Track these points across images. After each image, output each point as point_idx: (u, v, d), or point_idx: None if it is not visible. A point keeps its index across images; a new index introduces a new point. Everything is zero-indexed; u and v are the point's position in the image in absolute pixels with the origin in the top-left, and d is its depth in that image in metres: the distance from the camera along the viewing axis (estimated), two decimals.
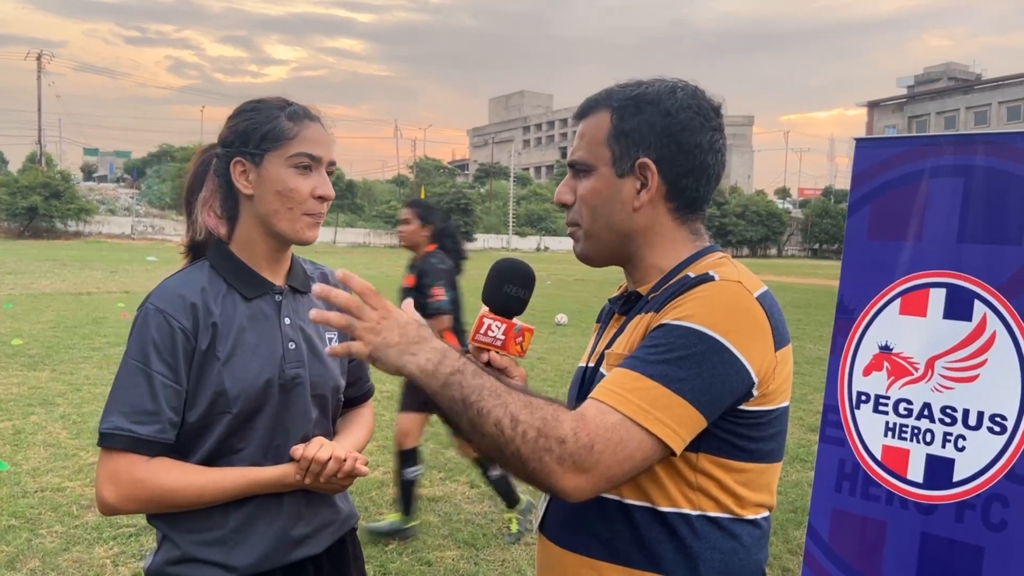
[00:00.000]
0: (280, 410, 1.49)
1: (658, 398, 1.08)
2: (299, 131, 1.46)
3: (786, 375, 1.21)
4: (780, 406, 1.21)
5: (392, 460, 5.52)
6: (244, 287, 1.50)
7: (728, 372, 1.11)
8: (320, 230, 1.54)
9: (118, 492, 1.39)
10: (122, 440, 1.38)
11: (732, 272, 1.20)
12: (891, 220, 2.29)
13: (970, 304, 2.12)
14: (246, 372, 1.45)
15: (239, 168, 1.47)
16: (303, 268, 1.64)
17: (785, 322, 1.22)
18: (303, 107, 1.51)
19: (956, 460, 2.13)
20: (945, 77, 56.42)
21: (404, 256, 4.59)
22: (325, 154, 1.49)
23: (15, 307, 13.17)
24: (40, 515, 4.32)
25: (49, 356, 8.84)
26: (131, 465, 1.39)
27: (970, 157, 2.15)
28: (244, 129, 1.47)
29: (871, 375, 2.30)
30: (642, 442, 1.08)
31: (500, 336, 1.28)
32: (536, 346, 10.92)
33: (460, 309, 4.43)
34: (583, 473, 1.06)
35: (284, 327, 1.53)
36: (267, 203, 1.47)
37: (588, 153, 1.28)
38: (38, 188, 45.85)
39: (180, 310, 1.43)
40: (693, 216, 1.30)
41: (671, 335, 1.12)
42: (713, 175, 1.28)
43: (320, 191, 1.48)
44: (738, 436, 1.17)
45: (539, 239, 68.32)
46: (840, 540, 2.33)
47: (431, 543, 4.16)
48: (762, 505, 1.23)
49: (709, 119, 1.26)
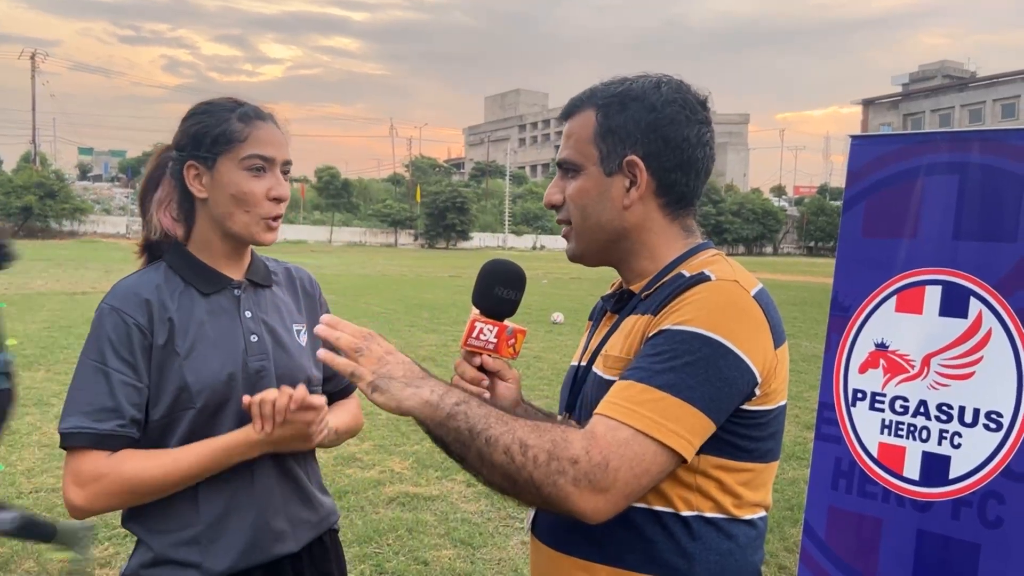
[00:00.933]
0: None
1: (669, 408, 1.07)
2: (250, 132, 1.46)
3: (785, 373, 1.20)
4: (779, 404, 1.21)
5: (388, 460, 5.51)
6: (201, 283, 1.50)
7: (734, 375, 1.10)
8: (311, 229, 1.54)
9: (84, 492, 1.37)
10: (83, 438, 1.37)
11: (727, 270, 1.19)
12: (886, 217, 2.28)
13: (966, 301, 2.12)
14: (207, 366, 1.44)
15: (192, 172, 1.47)
16: (263, 263, 1.63)
17: (781, 320, 1.21)
18: (254, 107, 1.50)
19: (952, 457, 2.13)
20: (940, 75, 56.50)
21: (401, 254, 4.58)
22: (278, 154, 1.48)
23: (10, 307, 13.12)
24: None
25: (44, 356, 8.82)
26: (94, 462, 1.37)
27: (965, 154, 2.15)
28: (195, 133, 1.46)
29: (867, 372, 2.30)
30: (657, 455, 1.06)
31: (492, 339, 1.28)
32: (532, 345, 10.92)
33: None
34: (601, 493, 1.04)
35: (245, 320, 1.52)
36: (222, 206, 1.46)
37: (575, 153, 1.27)
38: (33, 188, 45.75)
39: (135, 307, 1.43)
40: (684, 212, 1.29)
41: (674, 341, 1.10)
42: (702, 169, 1.27)
43: (275, 192, 1.47)
44: (739, 436, 1.16)
45: (535, 237, 68.31)
46: (836, 538, 2.33)
47: (427, 542, 4.15)
48: (759, 504, 1.23)
49: (695, 112, 1.25)
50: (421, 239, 63.06)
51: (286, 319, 1.60)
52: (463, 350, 1.30)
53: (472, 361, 1.30)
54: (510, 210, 70.68)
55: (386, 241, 62.83)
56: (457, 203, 60.45)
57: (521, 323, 1.30)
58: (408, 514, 4.52)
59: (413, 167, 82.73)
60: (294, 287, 1.68)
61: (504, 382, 1.36)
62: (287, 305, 1.63)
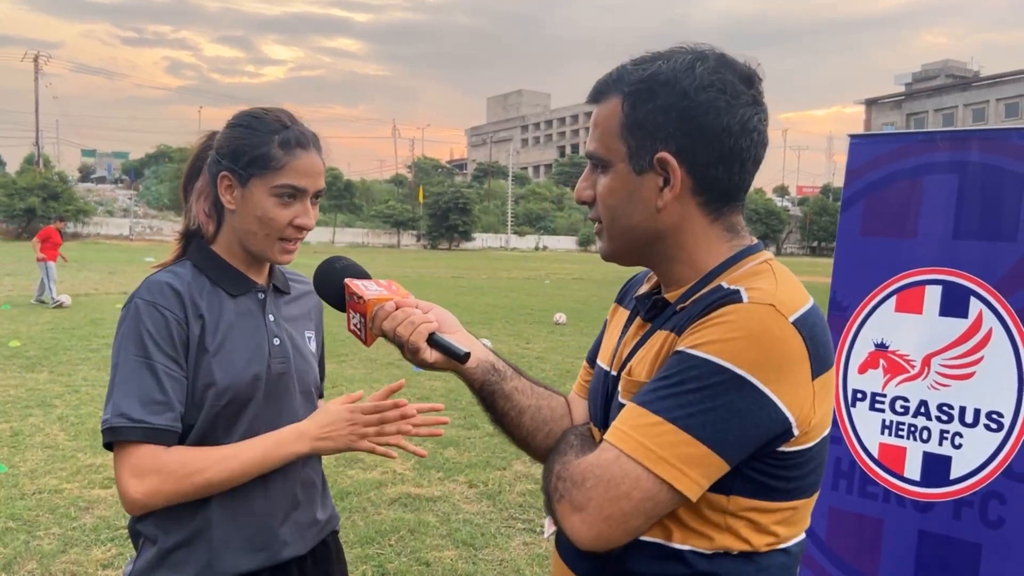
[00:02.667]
0: (265, 404, 1.49)
1: (662, 434, 0.98)
2: (288, 161, 1.45)
3: (828, 403, 1.07)
4: (823, 436, 1.07)
5: (390, 461, 5.51)
6: (229, 285, 1.51)
7: (751, 408, 0.98)
8: (314, 230, 1.55)
9: (143, 485, 1.36)
10: (137, 432, 1.35)
11: (768, 290, 1.03)
12: (885, 217, 2.28)
13: (966, 301, 2.12)
14: (235, 365, 1.45)
15: (225, 183, 1.47)
16: (281, 271, 1.65)
17: (829, 343, 1.07)
18: (298, 133, 1.47)
19: (953, 458, 2.13)
20: (943, 74, 56.41)
21: (404, 255, 4.59)
22: (311, 185, 1.48)
23: (13, 309, 13.15)
24: (38, 517, 4.31)
25: (47, 358, 8.82)
26: (153, 455, 1.36)
27: (965, 153, 2.14)
28: (236, 147, 1.46)
29: (867, 373, 2.29)
30: (639, 480, 0.98)
31: (360, 323, 1.28)
32: (535, 345, 10.92)
33: None
34: (577, 512, 1.01)
35: (269, 324, 1.54)
36: (245, 223, 1.48)
37: (602, 146, 1.13)
38: (36, 189, 45.83)
39: (171, 301, 1.43)
40: (728, 209, 1.13)
41: (683, 365, 1.00)
42: (749, 158, 1.10)
43: (299, 221, 1.48)
44: (777, 479, 1.04)
45: (538, 238, 68.32)
46: (837, 538, 2.33)
47: (429, 543, 4.15)
48: (794, 535, 1.12)
49: (738, 95, 1.07)
50: (424, 240, 63.13)
51: (300, 325, 1.62)
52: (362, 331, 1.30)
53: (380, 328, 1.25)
54: (512, 211, 70.72)
55: (389, 242, 62.88)
56: (460, 204, 60.47)
57: (524, 324, 1.30)
58: (410, 515, 4.52)
59: (416, 168, 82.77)
60: (304, 294, 1.71)
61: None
62: (301, 311, 1.65)
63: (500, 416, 1.27)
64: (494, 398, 1.26)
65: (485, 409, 1.29)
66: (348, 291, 1.30)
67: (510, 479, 5.19)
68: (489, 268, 33.39)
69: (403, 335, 1.20)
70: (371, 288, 1.27)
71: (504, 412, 1.26)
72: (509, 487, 5.04)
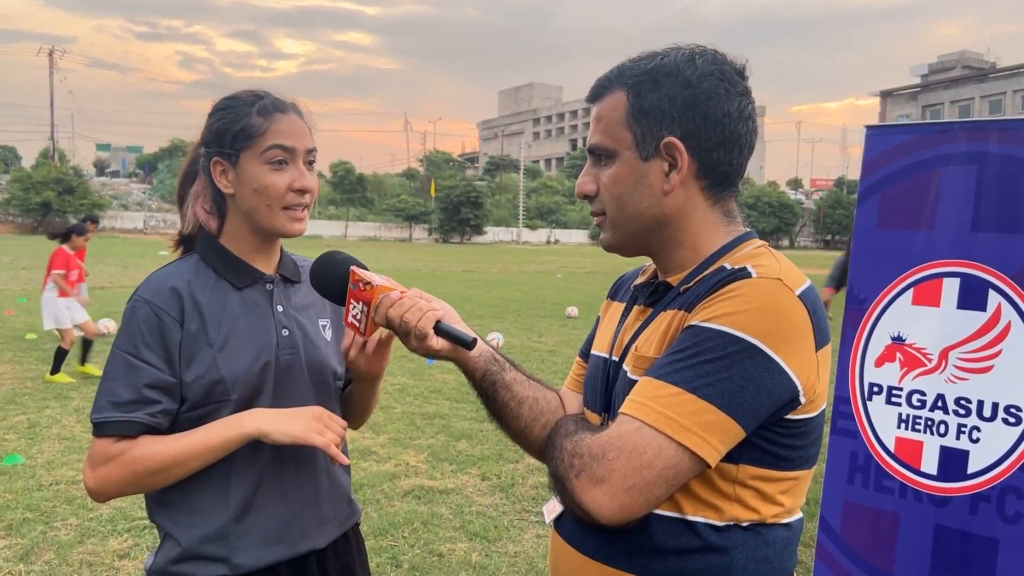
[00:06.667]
0: (277, 395, 1.49)
1: (682, 404, 1.02)
2: (269, 125, 1.45)
3: (826, 376, 1.14)
4: (822, 409, 1.14)
5: (403, 453, 5.53)
6: (234, 276, 1.51)
7: (764, 376, 1.03)
8: (326, 224, 1.55)
9: (93, 474, 1.40)
10: (111, 427, 1.39)
11: (772, 267, 1.10)
12: (902, 209, 2.26)
13: (984, 294, 2.10)
14: (241, 358, 1.45)
15: (218, 168, 1.48)
16: (292, 259, 1.65)
17: (827, 319, 1.14)
18: (273, 99, 1.49)
19: (971, 452, 2.11)
20: (959, 66, 55.81)
21: (416, 249, 4.59)
22: (299, 144, 1.47)
23: (29, 302, 13.25)
24: (55, 508, 4.36)
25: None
26: (108, 447, 1.39)
27: (983, 144, 2.12)
28: (218, 129, 1.47)
29: (883, 366, 2.28)
30: (662, 449, 1.02)
31: (360, 315, 1.31)
32: (547, 339, 10.90)
33: None
34: (598, 484, 1.03)
35: (277, 315, 1.53)
36: (247, 201, 1.47)
37: (607, 137, 1.18)
38: (51, 183, 46.22)
39: (167, 299, 1.44)
40: (727, 194, 1.20)
41: (698, 337, 1.05)
42: (746, 144, 1.18)
43: (298, 184, 1.46)
44: (782, 446, 1.10)
45: (549, 231, 68.25)
46: (853, 533, 2.31)
47: (443, 535, 4.17)
48: (796, 507, 1.17)
49: (735, 84, 1.16)
50: (435, 234, 63.19)
51: (313, 314, 1.61)
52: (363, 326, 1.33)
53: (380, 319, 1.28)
54: (524, 204, 70.63)
55: (401, 236, 62.97)
56: (471, 197, 60.51)
57: (536, 318, 1.31)
58: (423, 507, 4.53)
59: (427, 162, 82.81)
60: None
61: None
62: (314, 300, 1.64)
63: (500, 407, 1.29)
64: (495, 388, 1.28)
65: (484, 400, 1.31)
66: (353, 278, 1.31)
67: (523, 472, 5.20)
68: (501, 262, 33.37)
69: (411, 321, 1.23)
70: (376, 277, 1.30)
71: (504, 403, 1.28)
72: (522, 480, 5.05)
